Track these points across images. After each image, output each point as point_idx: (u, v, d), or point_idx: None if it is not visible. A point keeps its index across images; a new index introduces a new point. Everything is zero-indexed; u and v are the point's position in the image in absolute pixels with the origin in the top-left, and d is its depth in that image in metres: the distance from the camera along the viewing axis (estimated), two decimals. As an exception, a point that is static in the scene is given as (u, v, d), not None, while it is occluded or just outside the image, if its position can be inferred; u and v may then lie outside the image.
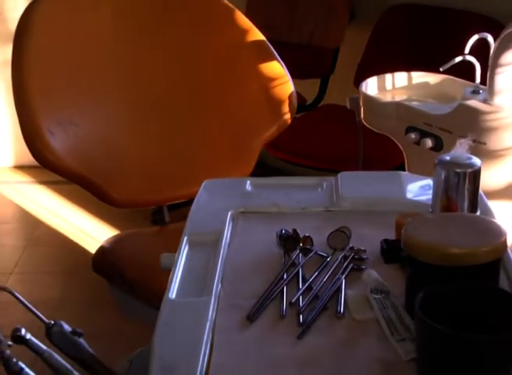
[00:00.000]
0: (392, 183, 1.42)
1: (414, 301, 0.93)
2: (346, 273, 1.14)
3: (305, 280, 1.13)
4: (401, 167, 2.23)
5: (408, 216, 1.16)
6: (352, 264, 1.16)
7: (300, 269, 1.16)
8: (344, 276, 1.13)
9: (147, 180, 1.92)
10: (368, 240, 1.22)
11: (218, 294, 1.10)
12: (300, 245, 1.22)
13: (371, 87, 2.32)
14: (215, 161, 2.00)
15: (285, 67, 2.03)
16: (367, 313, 1.05)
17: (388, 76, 2.35)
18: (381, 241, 1.21)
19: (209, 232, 1.25)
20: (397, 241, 1.13)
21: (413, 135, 2.16)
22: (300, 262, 1.18)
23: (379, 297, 1.07)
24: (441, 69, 2.21)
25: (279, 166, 2.82)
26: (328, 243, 1.22)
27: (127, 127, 1.98)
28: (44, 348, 1.24)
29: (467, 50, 2.13)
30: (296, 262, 1.18)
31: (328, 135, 2.93)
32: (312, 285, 1.12)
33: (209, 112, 2.04)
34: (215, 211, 1.32)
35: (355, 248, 1.20)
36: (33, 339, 1.23)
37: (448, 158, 1.20)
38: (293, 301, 1.08)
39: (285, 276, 1.14)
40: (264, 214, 1.34)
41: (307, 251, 1.21)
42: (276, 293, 1.10)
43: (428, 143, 2.13)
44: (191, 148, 2.02)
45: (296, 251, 1.20)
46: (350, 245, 1.21)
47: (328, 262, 1.17)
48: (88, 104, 1.93)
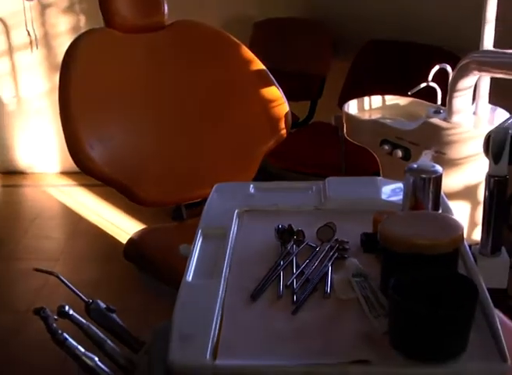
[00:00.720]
0: (369, 187, 1.42)
1: (387, 283, 0.93)
2: (332, 261, 1.14)
3: (298, 267, 1.13)
4: (377, 173, 2.22)
5: (383, 213, 1.16)
6: (337, 253, 1.16)
7: (294, 258, 1.15)
8: (330, 263, 1.13)
9: (168, 183, 1.92)
10: (350, 233, 1.21)
11: (226, 277, 1.10)
12: (294, 238, 1.21)
13: (351, 107, 2.32)
14: (224, 168, 2.00)
15: (281, 91, 2.03)
16: (349, 294, 1.05)
17: (366, 98, 2.35)
18: (361, 234, 1.20)
19: (219, 227, 1.25)
20: (374, 234, 1.13)
21: (386, 147, 2.16)
22: (294, 251, 1.17)
23: (359, 280, 1.07)
24: (409, 93, 2.22)
25: (277, 172, 2.82)
26: (317, 236, 1.22)
27: (152, 140, 1.98)
28: (84, 321, 1.23)
29: (430, 77, 2.13)
30: (291, 251, 1.17)
31: (317, 147, 2.93)
32: (304, 270, 1.11)
33: (219, 128, 2.04)
34: (224, 209, 1.32)
35: (339, 240, 1.19)
36: (75, 314, 1.23)
37: (415, 166, 1.20)
38: (289, 283, 1.08)
39: (281, 263, 1.14)
40: (264, 212, 1.33)
41: (300, 243, 1.20)
42: (274, 277, 1.10)
43: (399, 153, 2.13)
44: (204, 157, 2.02)
45: (291, 243, 1.20)
46: (335, 238, 1.20)
47: (317, 252, 1.17)
48: (120, 122, 1.93)
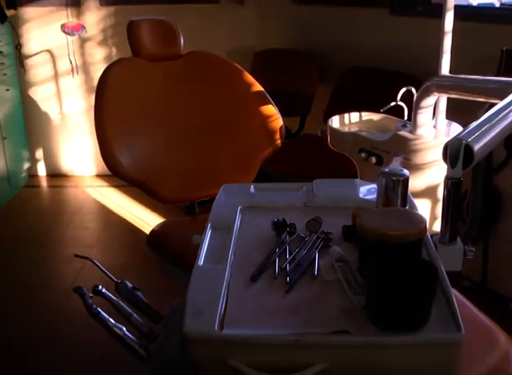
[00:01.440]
0: (349, 187, 1.41)
1: (364, 267, 0.92)
2: (319, 248, 1.13)
3: (291, 253, 1.12)
4: (355, 176, 2.22)
5: (361, 209, 1.15)
6: (322, 242, 1.15)
7: (287, 246, 1.14)
8: (317, 250, 1.12)
9: (183, 184, 1.92)
10: (334, 226, 1.20)
11: (231, 262, 1.09)
12: (288, 229, 1.20)
13: (334, 122, 2.31)
14: (230, 171, 1.99)
15: (277, 109, 2.02)
16: (333, 275, 1.04)
17: (346, 115, 2.35)
18: (342, 227, 1.19)
19: (225, 220, 1.24)
20: (353, 227, 1.12)
21: (363, 154, 2.15)
22: (287, 241, 1.16)
23: (341, 264, 1.06)
24: (381, 110, 2.22)
25: (273, 175, 2.81)
26: (306, 228, 1.21)
27: (170, 149, 1.97)
28: (114, 298, 1.22)
29: (399, 97, 2.13)
30: (285, 241, 1.16)
31: (306, 154, 2.93)
32: (296, 256, 1.11)
33: (226, 139, 2.03)
34: (229, 206, 1.31)
35: (325, 232, 1.18)
36: (107, 292, 1.22)
37: (387, 170, 1.19)
38: (283, 267, 1.07)
39: (277, 251, 1.13)
40: (263, 208, 1.32)
41: (292, 234, 1.19)
42: (271, 262, 1.09)
43: (373, 160, 2.12)
44: (213, 163, 2.01)
45: (285, 234, 1.19)
46: (321, 229, 1.19)
47: (306, 241, 1.16)
48: (144, 134, 1.92)
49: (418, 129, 2.07)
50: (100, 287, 1.21)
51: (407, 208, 1.20)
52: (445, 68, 2.03)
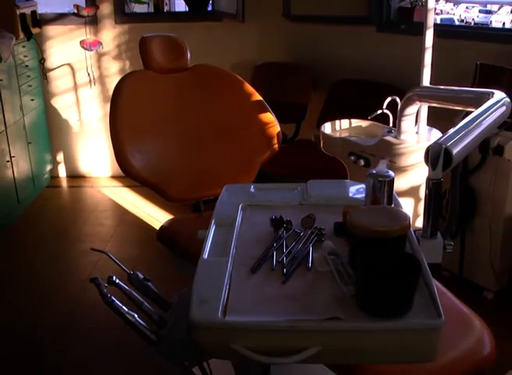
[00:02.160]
0: (340, 187, 1.40)
1: (354, 259, 0.91)
2: (313, 243, 1.12)
3: (287, 247, 1.11)
4: (345, 177, 2.21)
5: (351, 207, 1.14)
6: (316, 237, 1.14)
7: (284, 241, 1.14)
8: (311, 245, 1.11)
9: (190, 184, 1.91)
10: (326, 222, 1.20)
11: (233, 255, 1.08)
12: (284, 226, 1.19)
13: (327, 128, 2.30)
14: (232, 173, 1.98)
15: (274, 116, 2.02)
16: (325, 267, 1.03)
17: (337, 122, 2.34)
18: (334, 223, 1.18)
19: (228, 217, 1.23)
20: (344, 223, 1.11)
21: (352, 157, 2.14)
22: (284, 236, 1.16)
23: (333, 257, 1.05)
24: (369, 117, 2.21)
25: (271, 176, 2.81)
26: (301, 224, 1.20)
27: (178, 153, 1.96)
28: (127, 288, 1.21)
29: (384, 106, 2.13)
30: (282, 236, 1.16)
31: (301, 157, 2.92)
32: (292, 250, 1.10)
33: (228, 143, 2.02)
34: (231, 204, 1.30)
35: (318, 228, 1.18)
36: (120, 282, 1.21)
37: (374, 171, 1.18)
38: (280, 260, 1.06)
39: (275, 245, 1.12)
40: (262, 206, 1.32)
41: (288, 230, 1.19)
42: (269, 255, 1.08)
43: (362, 162, 2.11)
44: (217, 165, 2.00)
45: (282, 229, 1.18)
46: (315, 226, 1.19)
47: (301, 236, 1.15)
48: (154, 139, 1.91)
49: (402, 134, 2.07)
50: (114, 277, 1.20)
51: (393, 206, 1.19)
52: (426, 79, 2.03)
